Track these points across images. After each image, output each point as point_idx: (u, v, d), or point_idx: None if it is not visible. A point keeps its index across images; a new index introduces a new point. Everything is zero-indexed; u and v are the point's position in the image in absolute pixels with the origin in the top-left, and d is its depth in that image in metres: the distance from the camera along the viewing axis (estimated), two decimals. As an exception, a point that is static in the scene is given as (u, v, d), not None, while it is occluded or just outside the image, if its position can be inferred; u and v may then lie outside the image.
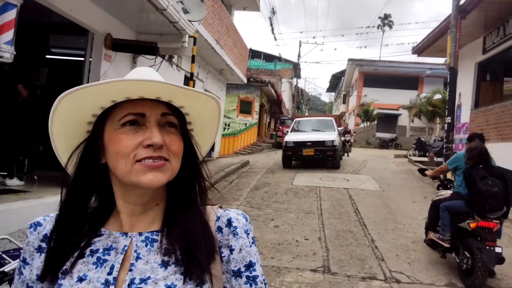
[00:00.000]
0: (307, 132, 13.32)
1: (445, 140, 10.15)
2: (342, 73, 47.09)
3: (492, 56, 10.13)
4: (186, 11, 6.82)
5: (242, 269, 0.77)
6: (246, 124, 21.18)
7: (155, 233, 0.77)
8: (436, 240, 4.37)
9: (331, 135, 12.29)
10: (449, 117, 9.39)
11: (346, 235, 5.53)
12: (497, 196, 3.84)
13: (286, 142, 12.26)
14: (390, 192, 8.62)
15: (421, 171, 5.35)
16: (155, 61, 7.21)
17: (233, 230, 0.79)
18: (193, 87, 6.78)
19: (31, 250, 0.78)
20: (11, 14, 3.82)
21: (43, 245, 0.77)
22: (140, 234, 0.76)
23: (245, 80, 15.26)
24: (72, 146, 0.79)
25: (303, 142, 11.93)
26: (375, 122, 33.11)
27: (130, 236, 0.76)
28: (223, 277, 0.78)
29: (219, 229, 0.80)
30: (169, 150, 0.74)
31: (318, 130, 13.29)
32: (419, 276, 4.20)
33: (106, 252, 0.75)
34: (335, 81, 57.01)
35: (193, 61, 7.38)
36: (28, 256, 0.78)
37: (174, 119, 0.77)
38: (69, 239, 0.75)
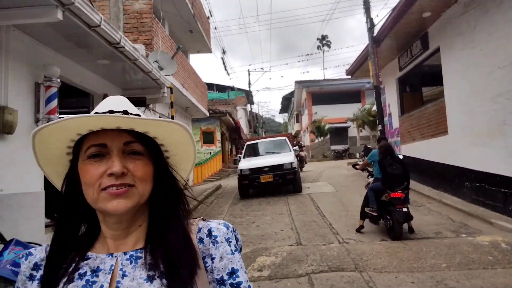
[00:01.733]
0: (261, 156, 12.43)
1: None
2: (291, 94, 50.04)
3: (407, 72, 12.61)
4: (161, 68, 8.55)
5: (225, 277, 0.79)
6: (210, 152, 22.80)
7: (139, 250, 0.81)
8: (370, 212, 6.29)
9: (288, 157, 11.44)
10: (380, 125, 11.63)
11: (310, 223, 7.35)
12: (399, 176, 5.86)
13: (241, 170, 11.20)
14: (342, 192, 10.64)
15: (354, 166, 7.41)
16: (140, 110, 8.82)
17: (213, 239, 0.82)
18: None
19: (23, 278, 0.81)
20: (52, 91, 5.34)
21: (34, 273, 0.81)
22: (125, 253, 0.80)
23: (207, 114, 17.01)
24: (61, 174, 0.85)
25: (259, 168, 10.93)
26: (328, 136, 35.78)
27: (115, 256, 0.80)
28: (210, 287, 0.80)
29: (201, 240, 0.82)
30: (134, 176, 0.78)
31: (273, 153, 12.50)
32: (362, 239, 6.05)
33: (94, 274, 0.78)
34: (286, 103, 60.20)
35: (171, 106, 9.06)
36: (21, 285, 0.81)
37: (138, 145, 0.80)
38: (59, 266, 0.79)
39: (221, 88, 40.43)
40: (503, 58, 7.05)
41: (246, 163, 11.58)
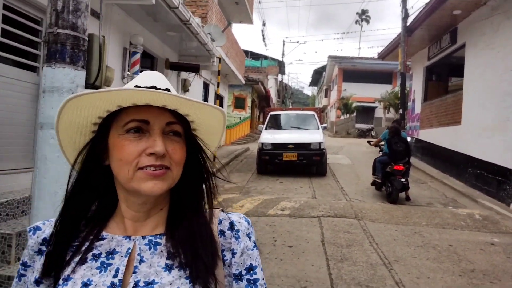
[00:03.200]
0: (286, 130, 11.28)
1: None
2: (323, 68, 50.31)
3: (435, 62, 13.43)
4: (213, 40, 9.85)
5: (243, 272, 0.78)
6: (240, 118, 24.25)
7: (158, 236, 0.77)
8: (375, 179, 7.63)
9: (317, 136, 10.29)
10: (401, 109, 12.69)
11: (325, 186, 8.77)
12: (402, 152, 7.13)
13: (262, 143, 10.06)
14: (358, 164, 11.95)
15: (369, 142, 8.72)
16: (188, 74, 10.24)
17: (235, 234, 0.80)
18: (218, 92, 10.24)
19: (31, 253, 0.78)
20: (137, 56, 6.82)
21: (43, 248, 0.77)
22: (144, 237, 0.76)
23: (243, 82, 18.31)
24: (77, 145, 0.79)
25: (283, 144, 9.88)
26: (354, 114, 36.42)
27: (133, 240, 0.76)
28: (225, 281, 0.77)
29: (222, 232, 0.80)
30: (171, 159, 0.74)
31: (298, 128, 11.39)
32: (366, 200, 7.46)
33: (110, 256, 0.74)
34: (317, 76, 60.35)
35: (219, 74, 10.42)
36: (29, 259, 0.78)
37: (179, 127, 0.77)
38: (68, 242, 0.76)
39: (255, 56, 41.26)
40: (514, 62, 7.98)
41: (269, 136, 10.45)
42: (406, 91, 14.04)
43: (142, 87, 0.73)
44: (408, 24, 12.55)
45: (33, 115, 4.33)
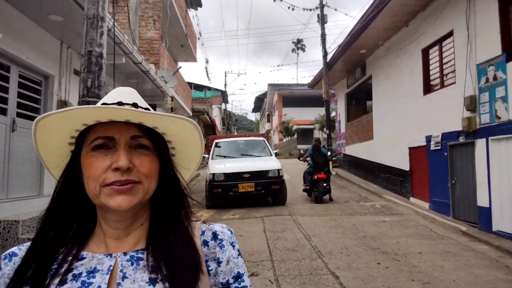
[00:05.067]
0: (236, 158, 10.05)
1: (328, 146, 15.98)
2: (264, 95, 53.38)
3: (352, 89, 16.13)
4: (165, 82, 11.60)
5: (231, 280, 0.79)
6: (189, 147, 25.71)
7: (140, 251, 0.77)
8: (305, 187, 9.69)
9: (273, 163, 9.34)
10: (327, 130, 15.11)
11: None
12: (322, 164, 9.29)
13: (213, 174, 8.78)
14: (295, 178, 13.99)
15: (299, 158, 10.84)
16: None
17: (219, 243, 0.81)
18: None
19: (7, 281, 0.74)
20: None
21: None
22: (125, 254, 0.76)
23: (191, 114, 20.05)
24: (59, 165, 0.80)
25: (237, 173, 8.75)
26: (295, 136, 39.30)
27: (114, 257, 0.75)
28: None
29: (205, 243, 0.80)
30: (140, 172, 0.74)
31: (250, 155, 10.32)
32: (299, 203, 9.46)
33: (91, 275, 0.73)
34: (259, 103, 63.46)
35: (172, 111, 12.10)
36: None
37: (146, 141, 0.76)
38: (46, 266, 0.73)
39: (199, 87, 43.14)
40: (404, 90, 10.53)
41: (219, 166, 9.16)
42: (331, 115, 16.59)
43: (109, 104, 0.74)
44: (328, 60, 15.18)
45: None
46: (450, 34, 8.29)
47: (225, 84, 44.84)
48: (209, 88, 42.56)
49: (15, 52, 5.08)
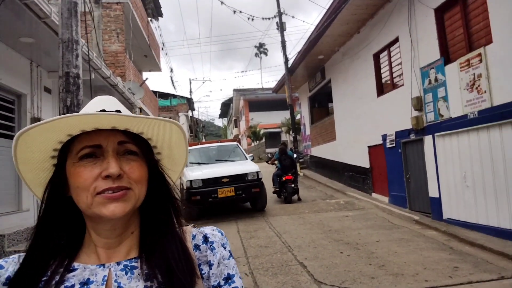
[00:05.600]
0: (211, 164, 9.79)
1: (294, 148, 16.61)
2: (230, 100, 53.77)
3: (314, 93, 16.86)
4: (133, 93, 11.81)
5: (222, 282, 0.79)
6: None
7: (133, 260, 0.76)
8: (275, 189, 10.20)
9: (251, 165, 9.17)
10: (293, 133, 15.74)
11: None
12: (289, 166, 9.85)
13: (190, 181, 8.43)
14: (265, 181, 14.48)
15: (267, 161, 11.36)
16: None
17: (210, 245, 0.81)
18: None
19: None
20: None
21: None
22: (118, 263, 0.75)
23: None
24: (41, 180, 0.79)
25: (216, 178, 8.45)
26: (263, 140, 39.92)
27: (108, 267, 0.74)
28: None
29: (196, 247, 0.81)
30: (130, 178, 0.73)
31: (225, 160, 10.15)
32: (270, 204, 9.93)
33: (84, 286, 0.72)
34: (225, 108, 63.74)
35: (140, 121, 12.29)
36: None
37: (133, 146, 0.76)
38: (37, 279, 0.72)
39: (164, 96, 42.94)
40: (361, 92, 11.27)
41: (196, 173, 8.82)
42: (297, 118, 17.24)
43: (94, 112, 0.72)
44: (289, 66, 15.84)
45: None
46: (396, 40, 9.08)
47: (191, 91, 44.79)
48: (174, 96, 42.45)
49: (-12, 74, 5.26)
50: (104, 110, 0.75)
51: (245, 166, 9.09)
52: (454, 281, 4.11)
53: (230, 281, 0.80)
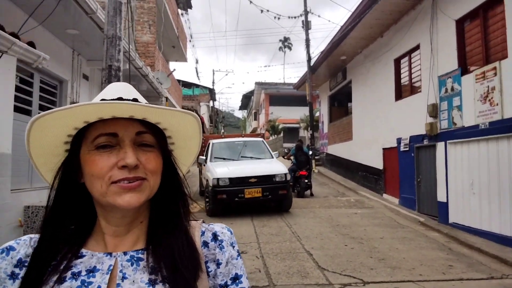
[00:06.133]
0: (237, 161, 9.48)
1: (311, 145, 16.99)
2: (251, 93, 54.18)
3: (335, 92, 17.14)
4: (160, 83, 12.39)
5: (229, 282, 0.78)
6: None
7: (140, 251, 0.76)
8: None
9: (279, 166, 8.86)
10: (311, 131, 16.10)
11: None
12: (304, 162, 10.26)
13: (217, 179, 8.20)
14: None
15: (283, 157, 11.79)
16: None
17: (219, 244, 0.80)
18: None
19: (3, 277, 0.72)
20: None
21: (17, 270, 0.73)
22: (125, 253, 0.75)
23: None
24: (52, 165, 0.78)
25: (244, 178, 8.21)
26: (281, 134, 40.25)
27: (114, 256, 0.75)
28: None
29: (205, 243, 0.80)
30: (146, 169, 0.73)
31: (250, 158, 9.74)
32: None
33: (90, 274, 0.72)
34: (246, 100, 64.23)
35: (165, 110, 12.88)
36: None
37: (150, 137, 0.75)
38: (47, 263, 0.72)
39: (187, 85, 43.72)
40: (379, 95, 11.55)
41: (223, 170, 8.56)
42: (316, 115, 17.58)
43: (108, 100, 0.72)
44: (312, 64, 16.16)
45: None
46: (417, 47, 9.33)
47: (213, 82, 45.47)
48: (197, 86, 43.21)
49: (27, 58, 5.85)
50: (121, 98, 0.74)
51: (273, 167, 8.78)
52: (445, 277, 4.50)
53: (238, 281, 0.79)
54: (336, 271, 4.71)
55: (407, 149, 9.55)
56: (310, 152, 11.82)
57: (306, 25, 16.64)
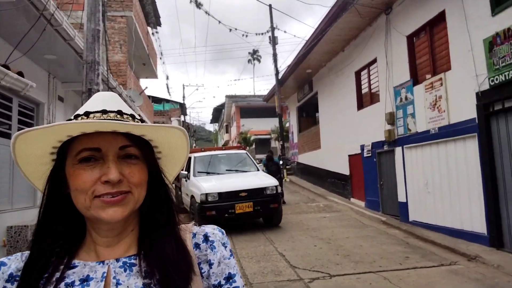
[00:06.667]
0: (223, 175, 9.10)
1: (282, 155, 17.58)
2: (222, 106, 54.61)
3: (302, 103, 17.88)
4: (132, 101, 12.66)
5: (222, 282, 0.79)
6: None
7: (132, 257, 0.77)
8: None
9: (269, 178, 8.63)
10: (281, 141, 16.70)
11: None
12: (275, 171, 10.80)
13: (206, 194, 7.69)
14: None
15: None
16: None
17: (211, 244, 0.81)
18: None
19: None
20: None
21: (8, 286, 0.74)
22: (117, 260, 0.76)
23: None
24: (40, 174, 0.79)
25: (233, 192, 7.76)
26: (253, 146, 40.79)
27: (107, 264, 0.75)
28: None
29: (197, 245, 0.81)
30: (130, 182, 0.73)
31: (236, 170, 9.35)
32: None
33: (84, 283, 0.73)
34: (217, 113, 64.42)
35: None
36: None
37: (135, 150, 0.75)
38: (39, 276, 0.73)
39: (158, 100, 43.67)
40: (343, 105, 12.28)
41: (209, 184, 8.09)
42: (286, 125, 18.22)
43: (93, 112, 0.73)
44: (280, 78, 16.87)
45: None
46: (375, 60, 10.13)
47: (184, 97, 45.66)
48: (167, 101, 43.25)
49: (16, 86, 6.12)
50: (105, 110, 0.74)
51: (263, 179, 8.44)
52: (402, 267, 5.09)
53: (231, 280, 0.79)
54: (306, 268, 5.21)
55: (370, 155, 10.26)
56: (281, 162, 12.36)
57: (273, 41, 17.38)
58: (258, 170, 9.45)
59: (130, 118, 0.75)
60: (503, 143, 5.97)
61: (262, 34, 17.23)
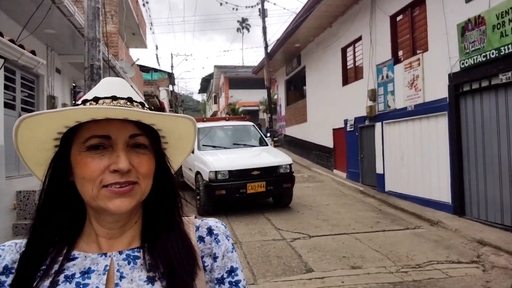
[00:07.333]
0: (230, 149, 8.45)
1: (269, 127, 18.11)
2: (211, 76, 54.35)
3: (290, 77, 18.26)
4: (124, 72, 12.92)
5: (225, 275, 0.79)
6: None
7: (136, 250, 0.76)
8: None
9: (283, 156, 8.13)
10: (270, 114, 17.19)
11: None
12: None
13: (215, 172, 7.09)
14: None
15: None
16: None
17: (215, 238, 0.80)
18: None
19: None
20: (81, 93, 9.74)
21: (3, 278, 0.70)
22: (120, 252, 0.74)
23: (143, 99, 21.22)
24: (41, 160, 0.76)
25: (245, 170, 7.20)
26: (242, 117, 41.04)
27: (110, 256, 0.73)
28: (207, 287, 0.77)
29: (201, 238, 0.80)
30: (138, 172, 0.71)
31: (244, 145, 8.75)
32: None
33: (85, 276, 0.71)
34: (206, 84, 64.15)
35: (130, 97, 13.45)
36: None
37: (144, 139, 0.74)
38: (37, 268, 0.70)
39: (146, 70, 43.34)
40: (329, 80, 12.76)
41: (218, 161, 7.44)
42: (273, 99, 18.66)
43: (102, 98, 0.71)
44: (269, 51, 17.15)
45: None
46: (360, 38, 10.55)
47: (172, 66, 45.38)
48: (155, 70, 42.98)
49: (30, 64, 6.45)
50: (115, 96, 0.72)
51: (276, 156, 7.90)
52: (372, 229, 5.79)
53: (233, 274, 0.79)
54: (289, 230, 5.88)
55: (352, 129, 10.87)
56: (268, 134, 12.89)
57: (263, 13, 17.54)
58: (267, 145, 8.89)
59: (140, 106, 0.74)
60: (469, 121, 6.59)
61: (252, 7, 17.37)
